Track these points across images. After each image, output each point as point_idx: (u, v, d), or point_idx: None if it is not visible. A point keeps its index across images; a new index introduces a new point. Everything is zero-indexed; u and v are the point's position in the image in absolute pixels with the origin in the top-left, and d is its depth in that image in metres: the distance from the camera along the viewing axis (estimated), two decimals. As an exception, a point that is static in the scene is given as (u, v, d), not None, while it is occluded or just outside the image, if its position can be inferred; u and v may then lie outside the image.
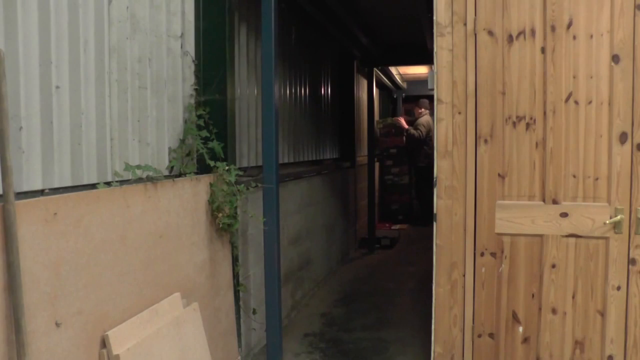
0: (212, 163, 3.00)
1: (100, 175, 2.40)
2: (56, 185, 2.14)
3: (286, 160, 4.90)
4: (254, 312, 3.64)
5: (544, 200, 2.69)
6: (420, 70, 9.73)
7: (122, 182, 2.43)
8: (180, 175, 2.93)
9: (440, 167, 2.78)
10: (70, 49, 2.21)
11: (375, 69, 8.05)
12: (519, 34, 2.67)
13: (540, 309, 2.72)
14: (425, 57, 5.80)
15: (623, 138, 2.57)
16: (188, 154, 3.03)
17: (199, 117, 3.08)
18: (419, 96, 9.60)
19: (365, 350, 3.92)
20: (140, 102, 2.70)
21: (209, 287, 2.99)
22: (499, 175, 2.73)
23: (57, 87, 2.14)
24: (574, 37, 2.61)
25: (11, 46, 1.92)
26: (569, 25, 2.61)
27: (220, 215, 3.02)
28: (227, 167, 3.03)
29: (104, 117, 2.42)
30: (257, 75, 3.98)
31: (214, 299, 3.03)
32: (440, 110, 2.76)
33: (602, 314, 2.65)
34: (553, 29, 2.63)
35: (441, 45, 2.74)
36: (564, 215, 2.66)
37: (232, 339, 3.24)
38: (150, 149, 2.78)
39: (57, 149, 2.14)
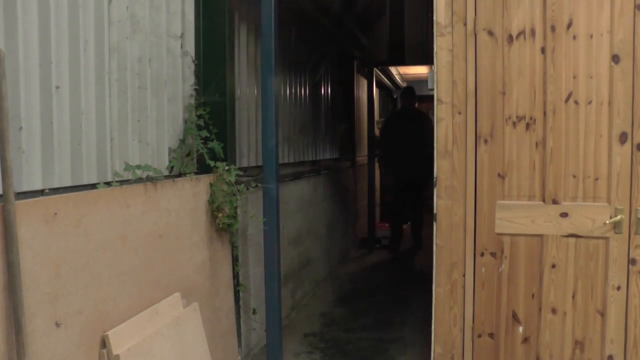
0: (212, 163, 3.00)
1: (100, 175, 2.40)
2: (56, 185, 2.14)
3: (286, 160, 4.90)
4: (254, 312, 3.64)
5: (544, 200, 2.69)
6: (420, 70, 9.73)
7: (122, 182, 2.43)
8: (180, 175, 2.93)
9: (440, 167, 2.78)
10: (70, 49, 2.21)
11: (375, 69, 8.06)
12: (519, 34, 2.67)
13: (540, 309, 2.72)
14: (425, 57, 5.80)
15: (623, 138, 2.57)
16: (188, 154, 3.03)
17: (199, 117, 3.08)
18: (419, 96, 9.59)
19: (366, 350, 3.92)
20: (140, 102, 2.70)
21: (209, 287, 2.99)
22: (499, 175, 2.73)
23: (57, 87, 2.14)
24: (574, 37, 2.61)
25: (11, 46, 1.92)
26: (569, 25, 2.61)
27: (220, 215, 3.02)
28: (227, 167, 3.03)
29: (104, 117, 2.42)
30: (257, 75, 3.98)
31: (214, 299, 3.03)
32: (440, 110, 2.76)
33: (602, 314, 2.65)
34: (553, 29, 2.63)
35: (441, 45, 2.74)
36: (564, 215, 2.66)
37: (232, 339, 3.24)
38: (150, 149, 2.78)
39: (57, 149, 2.14)
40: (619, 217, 2.59)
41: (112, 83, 2.47)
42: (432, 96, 2.82)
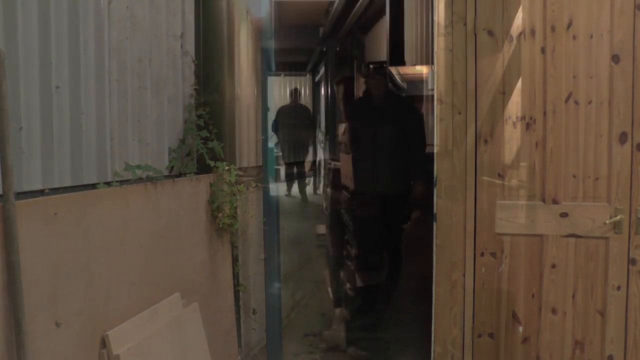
0: (212, 163, 3.00)
1: (100, 175, 2.40)
2: (56, 185, 2.14)
3: (286, 160, 4.90)
4: (254, 312, 3.64)
5: (544, 200, 2.69)
6: (420, 70, 9.73)
7: (122, 182, 2.43)
8: (180, 175, 2.93)
9: (440, 167, 2.78)
10: (70, 49, 2.21)
11: (375, 69, 8.05)
12: (519, 34, 2.67)
13: (540, 309, 2.72)
14: (425, 57, 5.80)
15: (623, 138, 2.57)
16: (188, 154, 3.03)
17: (199, 117, 3.08)
18: (419, 97, 9.58)
19: (366, 350, 3.91)
20: (140, 102, 2.70)
21: (209, 287, 2.99)
22: (499, 175, 2.73)
23: (57, 87, 2.14)
24: (574, 37, 2.61)
25: (11, 46, 1.92)
26: (569, 25, 2.61)
27: (220, 215, 3.02)
28: (227, 167, 3.03)
29: (104, 117, 2.42)
30: (257, 75, 3.98)
31: (214, 299, 3.03)
32: (440, 110, 2.76)
33: (602, 314, 2.65)
34: (553, 28, 2.63)
35: (441, 45, 2.74)
36: (564, 215, 2.66)
37: (232, 339, 3.24)
38: (150, 149, 2.78)
39: (57, 149, 2.14)
40: (619, 217, 2.59)
41: (112, 83, 2.47)
42: (432, 96, 2.82)
